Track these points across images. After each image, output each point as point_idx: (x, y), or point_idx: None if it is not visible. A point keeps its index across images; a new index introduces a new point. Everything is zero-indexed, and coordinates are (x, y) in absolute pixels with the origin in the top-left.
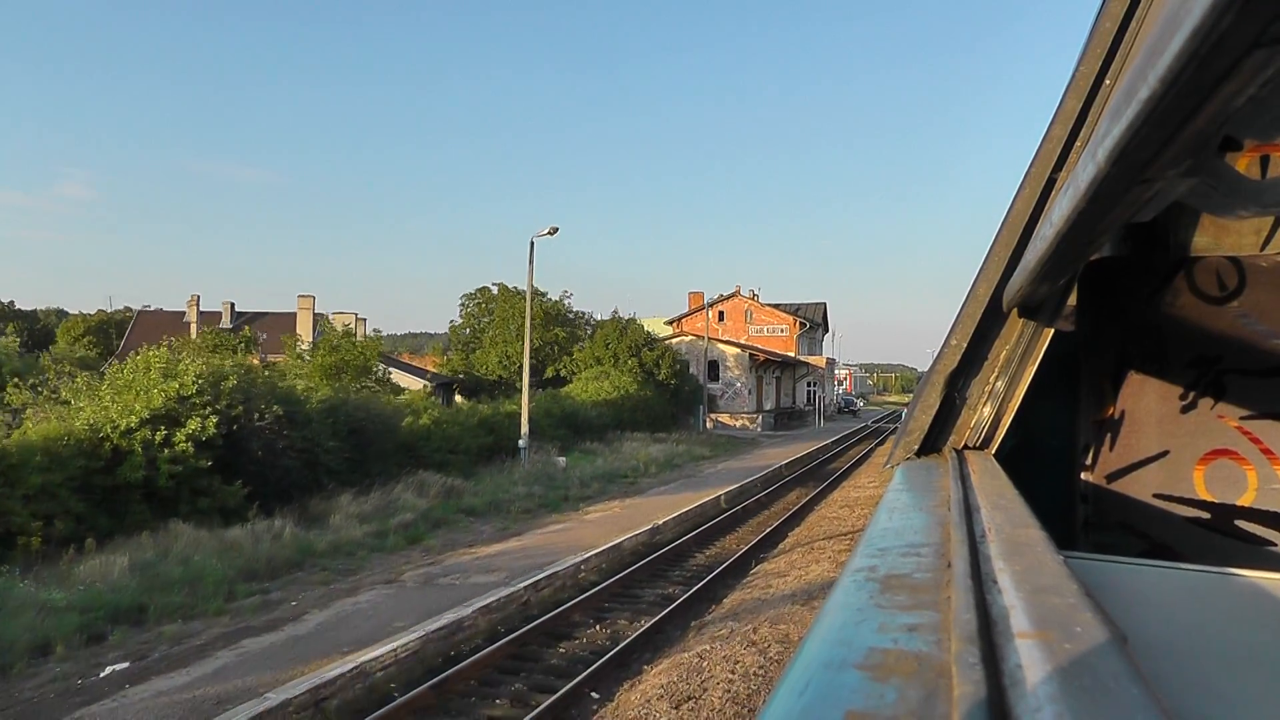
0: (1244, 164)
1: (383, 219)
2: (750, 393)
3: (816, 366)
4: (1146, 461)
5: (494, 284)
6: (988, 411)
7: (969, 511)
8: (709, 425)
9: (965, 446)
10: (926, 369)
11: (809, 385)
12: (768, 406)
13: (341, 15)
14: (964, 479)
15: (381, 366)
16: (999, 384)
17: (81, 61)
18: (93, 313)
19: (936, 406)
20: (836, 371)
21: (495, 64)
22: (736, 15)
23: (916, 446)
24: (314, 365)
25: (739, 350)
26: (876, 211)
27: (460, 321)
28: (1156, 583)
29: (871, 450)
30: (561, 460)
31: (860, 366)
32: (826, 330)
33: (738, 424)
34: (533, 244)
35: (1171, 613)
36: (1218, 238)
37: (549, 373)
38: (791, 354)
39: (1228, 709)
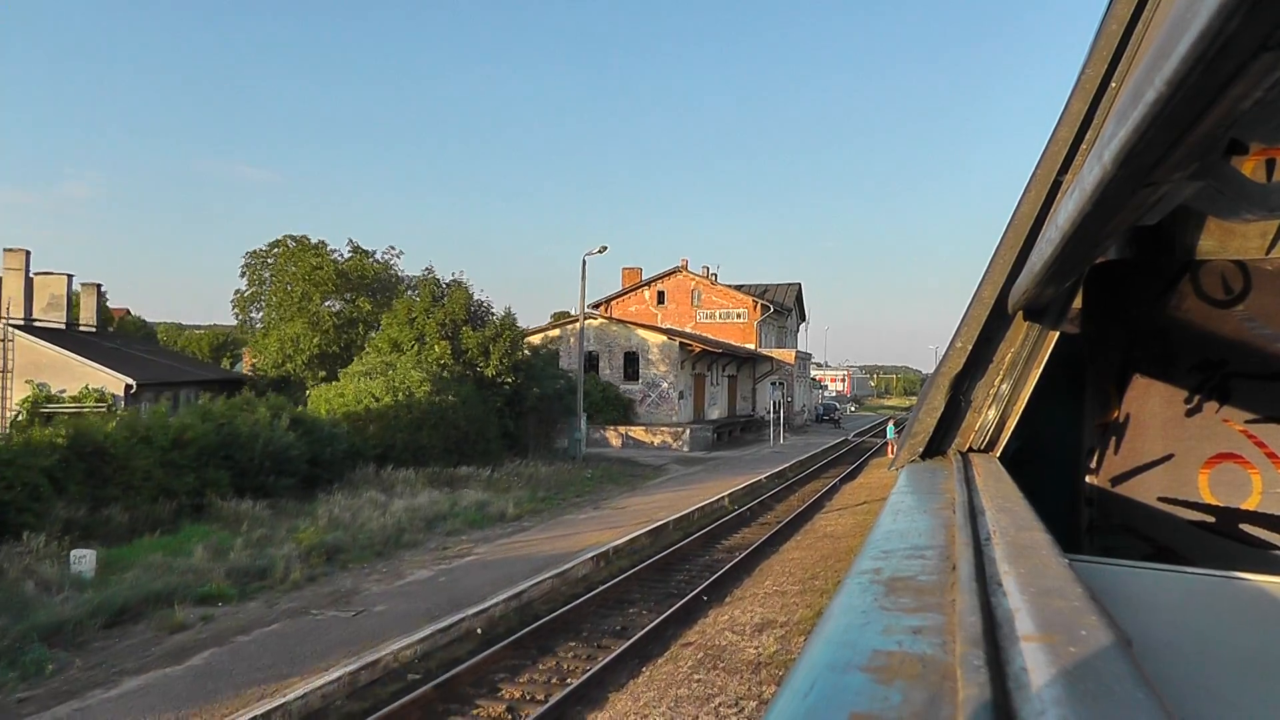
0: (1250, 167)
1: (375, 221)
2: (682, 397)
3: (783, 362)
4: (1151, 465)
5: (291, 236)
6: (992, 414)
7: (974, 514)
8: (615, 443)
9: (970, 449)
10: (930, 371)
11: (773, 386)
12: (713, 415)
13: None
14: (969, 482)
15: None
16: (1004, 387)
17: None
18: None
19: (941, 409)
20: (816, 371)
21: (486, 63)
22: (738, 13)
23: (921, 449)
24: None
25: (665, 338)
26: (881, 211)
27: (247, 291)
28: (1161, 586)
29: (835, 488)
30: (82, 559)
31: (861, 368)
32: (803, 319)
33: (656, 441)
34: None
35: (1176, 616)
36: (1223, 241)
37: (355, 365)
38: (751, 346)
39: (1232, 712)
